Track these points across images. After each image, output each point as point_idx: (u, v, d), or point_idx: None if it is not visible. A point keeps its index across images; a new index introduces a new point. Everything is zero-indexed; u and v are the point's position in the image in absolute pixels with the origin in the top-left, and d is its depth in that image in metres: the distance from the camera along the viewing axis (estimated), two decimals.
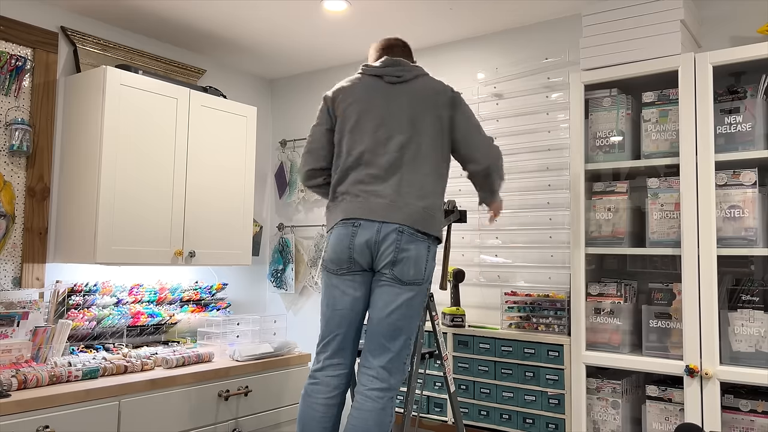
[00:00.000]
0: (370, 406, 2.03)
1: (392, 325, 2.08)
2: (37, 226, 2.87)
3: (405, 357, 2.11)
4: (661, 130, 2.45)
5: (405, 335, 2.09)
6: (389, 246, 2.06)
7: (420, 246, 2.09)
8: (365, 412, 2.02)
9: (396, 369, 2.09)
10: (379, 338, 2.09)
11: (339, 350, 2.17)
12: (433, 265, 2.17)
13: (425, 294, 2.17)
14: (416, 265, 2.08)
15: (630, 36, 2.46)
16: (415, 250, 2.08)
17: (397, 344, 2.08)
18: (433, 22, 3.10)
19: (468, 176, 2.31)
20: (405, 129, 2.15)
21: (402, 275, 2.07)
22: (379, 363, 2.08)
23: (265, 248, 4.01)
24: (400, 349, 2.09)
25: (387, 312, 2.08)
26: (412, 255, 2.08)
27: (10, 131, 2.77)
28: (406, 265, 2.07)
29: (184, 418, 2.65)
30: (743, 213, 2.24)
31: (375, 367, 2.08)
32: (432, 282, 2.23)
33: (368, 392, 2.05)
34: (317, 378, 2.16)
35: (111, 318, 2.95)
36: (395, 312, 2.07)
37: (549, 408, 2.56)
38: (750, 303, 2.25)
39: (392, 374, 2.08)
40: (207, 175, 3.17)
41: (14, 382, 2.25)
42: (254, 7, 2.95)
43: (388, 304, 2.08)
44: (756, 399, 2.20)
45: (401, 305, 2.08)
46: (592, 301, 2.54)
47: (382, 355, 2.08)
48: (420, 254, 2.09)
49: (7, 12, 2.80)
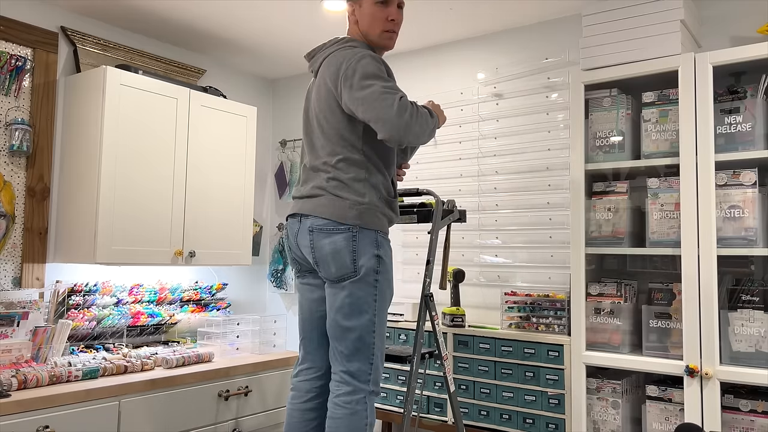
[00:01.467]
0: (339, 413, 1.98)
1: (338, 326, 2.01)
2: (37, 226, 2.87)
3: (368, 356, 2.01)
4: (661, 130, 2.45)
5: (354, 334, 1.99)
6: (306, 246, 2.04)
7: (337, 238, 1.98)
8: (336, 419, 1.99)
9: (359, 370, 1.99)
10: (333, 342, 2.04)
11: (306, 354, 2.17)
12: (370, 253, 1.99)
13: (369, 285, 2.01)
14: (336, 260, 1.98)
15: (630, 36, 2.46)
16: (330, 244, 1.98)
17: (348, 344, 1.99)
18: (433, 22, 3.10)
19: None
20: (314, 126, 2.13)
21: (327, 275, 2.02)
22: (340, 368, 2.02)
23: (265, 248, 4.01)
24: (356, 349, 1.99)
25: (332, 315, 2.03)
26: (328, 251, 1.98)
27: (10, 131, 2.77)
28: (325, 263, 2.00)
29: (184, 418, 2.65)
30: (743, 213, 2.24)
31: (337, 372, 2.03)
32: (381, 272, 2.03)
33: (335, 399, 2.01)
34: (293, 384, 2.18)
35: (111, 318, 2.95)
36: (338, 312, 2.00)
37: (549, 408, 2.56)
38: (750, 303, 2.25)
39: (355, 376, 1.99)
40: (207, 175, 3.17)
41: (14, 382, 2.25)
42: (254, 7, 2.95)
43: (331, 306, 2.03)
44: (756, 399, 2.20)
45: (341, 305, 2.00)
46: (592, 301, 2.54)
47: (339, 359, 2.02)
48: (338, 247, 1.97)
49: (7, 12, 2.80)
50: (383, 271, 2.03)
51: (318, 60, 2.16)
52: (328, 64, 2.08)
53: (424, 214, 2.44)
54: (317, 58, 2.17)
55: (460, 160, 3.24)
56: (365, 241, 1.99)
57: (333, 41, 2.15)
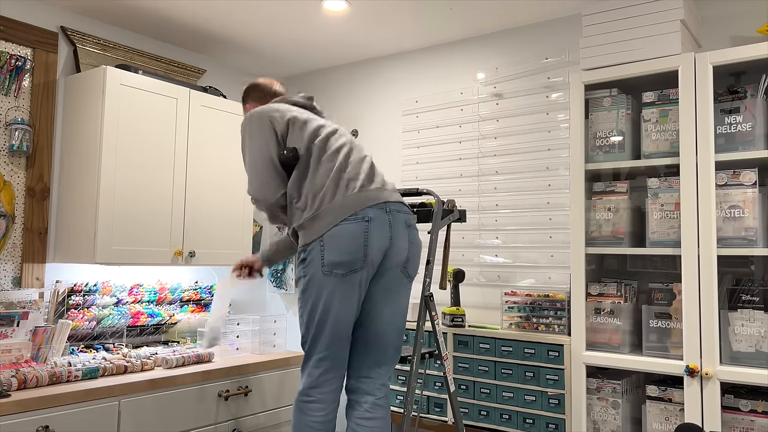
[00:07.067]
0: (382, 414, 2.05)
1: (402, 328, 2.17)
2: (37, 226, 2.87)
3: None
4: (661, 130, 2.45)
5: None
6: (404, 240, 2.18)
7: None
8: (380, 420, 2.04)
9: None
10: (389, 343, 2.11)
11: (339, 362, 2.03)
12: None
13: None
14: (420, 257, 2.25)
15: (630, 36, 2.46)
16: (419, 241, 2.29)
17: (400, 346, 2.19)
18: (433, 22, 3.10)
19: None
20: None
21: (413, 271, 2.24)
22: (389, 372, 2.16)
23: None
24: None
25: (401, 314, 2.15)
26: (420, 247, 2.27)
27: (10, 131, 2.77)
28: (416, 259, 2.25)
29: (184, 418, 2.65)
30: (743, 213, 2.24)
31: (382, 376, 2.12)
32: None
33: (379, 401, 2.07)
34: (313, 396, 1.99)
35: (111, 318, 2.95)
36: (404, 314, 2.19)
37: (549, 408, 2.56)
38: (750, 303, 2.25)
39: (390, 376, 2.21)
40: (207, 175, 3.17)
41: (14, 382, 2.25)
42: (254, 7, 2.95)
43: (399, 304, 2.15)
44: (756, 399, 2.20)
45: (406, 305, 2.23)
46: (592, 301, 2.54)
47: (390, 362, 2.15)
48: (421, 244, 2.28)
49: (7, 12, 2.80)
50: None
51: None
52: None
53: (424, 214, 2.44)
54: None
55: (460, 160, 3.24)
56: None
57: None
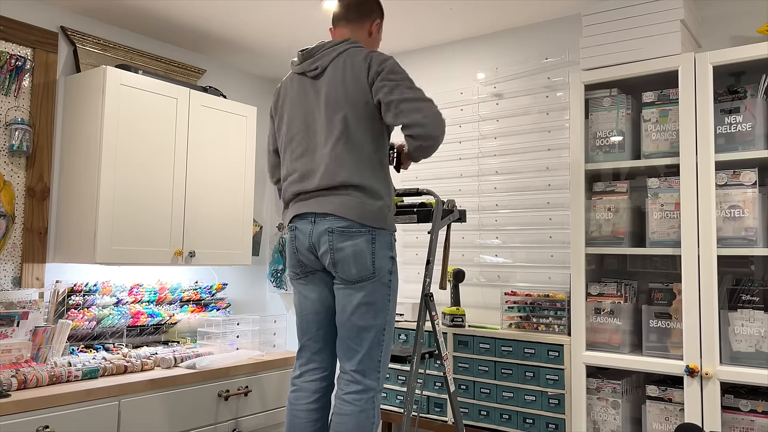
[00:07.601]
0: (348, 410, 2.00)
1: (354, 326, 2.03)
2: (36, 226, 2.86)
3: (378, 356, 2.05)
4: (661, 130, 2.45)
5: (371, 331, 2.02)
6: (325, 248, 2.01)
7: (358, 240, 1.98)
8: (344, 416, 2.00)
9: (370, 368, 2.03)
10: (345, 341, 2.05)
11: (312, 355, 2.15)
12: (386, 254, 2.03)
13: (384, 285, 2.04)
14: (357, 262, 1.99)
15: (630, 36, 2.46)
16: (351, 246, 1.98)
17: (364, 343, 2.02)
18: (433, 22, 3.10)
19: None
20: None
21: (347, 276, 2.01)
22: (350, 366, 2.04)
23: (265, 248, 4.01)
24: (369, 348, 2.02)
25: (346, 315, 2.04)
26: (349, 252, 1.99)
27: (10, 131, 2.77)
28: (345, 264, 2.00)
29: (184, 418, 2.65)
30: (743, 213, 2.24)
31: (348, 371, 2.05)
32: (393, 272, 2.07)
33: (345, 396, 2.02)
34: (296, 385, 2.15)
35: (111, 318, 2.95)
36: (354, 313, 2.02)
37: (549, 408, 2.56)
38: (750, 303, 2.25)
39: (366, 375, 2.03)
40: (207, 175, 3.17)
41: (14, 382, 2.25)
42: (254, 7, 2.95)
43: (345, 306, 2.04)
44: (756, 399, 2.20)
45: (358, 305, 2.02)
46: (592, 301, 2.54)
47: (351, 358, 2.04)
48: (359, 249, 1.98)
49: (7, 12, 2.80)
50: (395, 271, 2.08)
51: (323, 58, 2.08)
52: (346, 63, 2.03)
53: (424, 214, 2.44)
54: (321, 57, 2.08)
55: (460, 160, 3.24)
56: (382, 243, 2.01)
57: (337, 42, 2.09)
